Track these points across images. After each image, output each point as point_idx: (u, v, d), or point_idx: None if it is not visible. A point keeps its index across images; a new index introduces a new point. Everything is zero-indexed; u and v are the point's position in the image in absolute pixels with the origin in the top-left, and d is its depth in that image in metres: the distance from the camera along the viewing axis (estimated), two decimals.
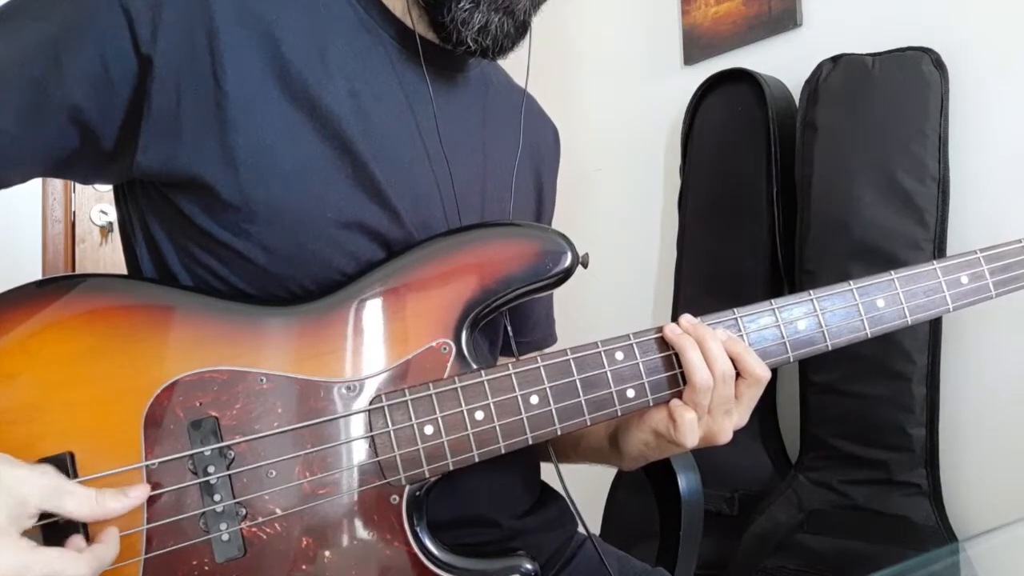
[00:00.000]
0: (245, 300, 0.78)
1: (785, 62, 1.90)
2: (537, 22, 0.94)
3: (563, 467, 0.93)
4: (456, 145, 0.92)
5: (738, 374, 0.82)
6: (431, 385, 0.77)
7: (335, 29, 0.85)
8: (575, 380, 0.80)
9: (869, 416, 1.61)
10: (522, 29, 0.90)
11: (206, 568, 0.70)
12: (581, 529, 1.03)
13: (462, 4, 0.85)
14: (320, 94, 0.81)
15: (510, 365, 0.79)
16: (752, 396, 0.84)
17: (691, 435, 0.81)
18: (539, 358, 0.80)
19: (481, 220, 0.93)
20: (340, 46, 0.84)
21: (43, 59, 0.74)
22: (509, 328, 0.92)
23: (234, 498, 0.71)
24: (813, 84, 1.73)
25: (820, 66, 1.72)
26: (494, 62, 0.99)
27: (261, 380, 0.74)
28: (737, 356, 0.81)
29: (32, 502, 0.63)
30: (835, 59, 1.71)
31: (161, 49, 0.75)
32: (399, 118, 0.87)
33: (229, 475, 0.71)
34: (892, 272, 0.89)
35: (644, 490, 1.12)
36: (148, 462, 0.70)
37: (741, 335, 0.84)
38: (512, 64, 1.01)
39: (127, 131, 0.77)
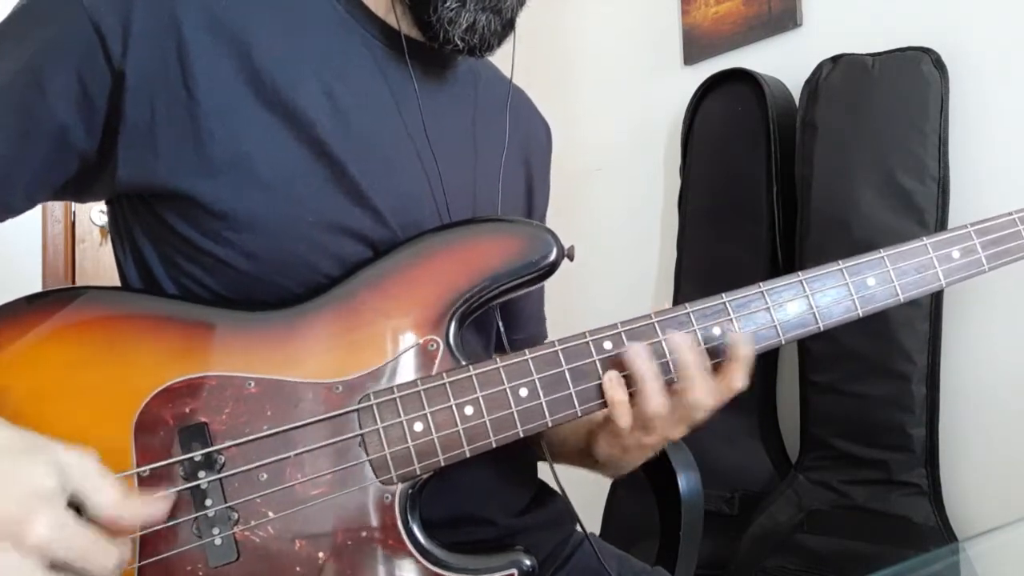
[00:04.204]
0: (231, 306, 0.78)
1: (785, 62, 1.90)
2: (536, 22, 0.95)
3: (563, 467, 0.92)
4: (446, 143, 0.91)
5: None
6: (419, 382, 0.76)
7: (312, 29, 0.85)
8: (564, 371, 0.79)
9: (869, 416, 1.61)
10: (509, 26, 0.90)
11: (200, 573, 0.70)
12: (580, 528, 1.03)
13: (448, 3, 0.84)
14: (294, 97, 0.80)
15: (498, 359, 0.78)
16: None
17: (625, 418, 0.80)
18: (527, 351, 0.79)
19: (472, 216, 0.93)
20: (317, 46, 0.84)
21: (25, 82, 0.75)
22: (501, 325, 0.92)
23: (226, 502, 0.71)
24: (813, 84, 1.73)
25: (820, 66, 1.72)
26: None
27: (249, 384, 0.74)
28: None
29: (73, 477, 0.62)
30: (835, 59, 1.71)
31: (132, 63, 0.75)
32: (384, 118, 0.87)
33: (220, 480, 0.71)
34: (882, 250, 0.88)
35: (644, 490, 1.12)
36: (139, 469, 0.70)
37: (730, 319, 0.83)
38: (504, 61, 1.01)
39: (107, 147, 0.78)
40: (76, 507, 0.65)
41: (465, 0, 0.85)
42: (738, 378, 0.80)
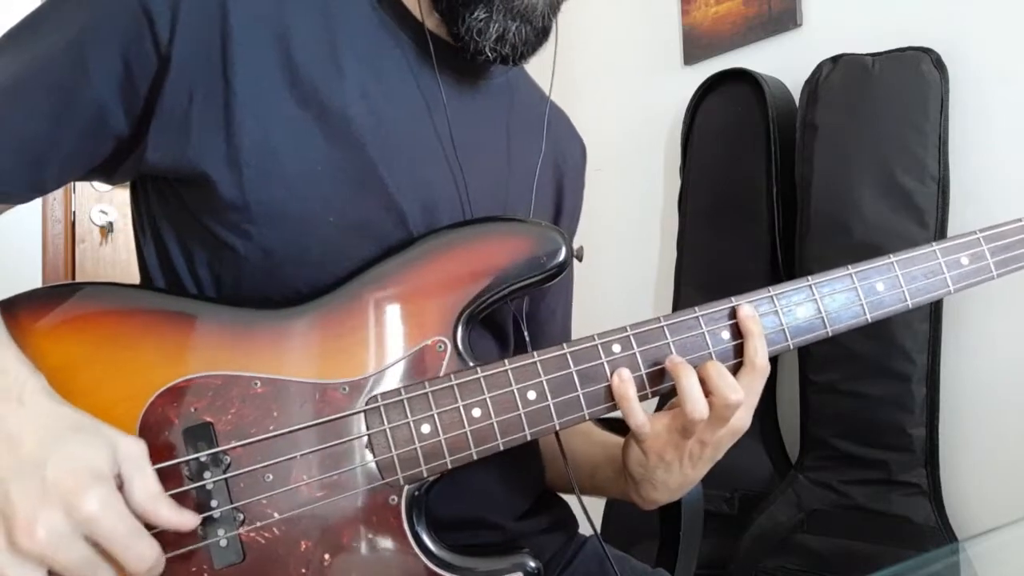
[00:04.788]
0: (238, 304, 0.77)
1: (785, 62, 1.90)
2: None
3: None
4: (476, 151, 0.91)
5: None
6: (427, 383, 0.76)
7: (351, 29, 0.85)
8: (572, 373, 0.78)
9: (869, 416, 1.61)
10: (542, 34, 0.89)
11: (205, 574, 0.70)
12: (582, 530, 1.02)
13: (476, 15, 0.84)
14: (331, 96, 0.80)
15: (506, 361, 0.78)
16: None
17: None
18: (535, 353, 0.78)
19: None
20: (355, 47, 0.84)
21: (69, 63, 0.75)
22: (523, 324, 0.91)
23: (231, 503, 0.71)
24: (813, 84, 1.73)
25: (820, 66, 1.72)
26: (521, 68, 0.99)
27: (255, 384, 0.73)
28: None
29: (122, 459, 0.65)
30: (835, 59, 1.71)
31: (177, 49, 0.75)
32: (415, 122, 0.87)
33: (226, 480, 0.71)
34: (891, 255, 0.87)
35: None
36: None
37: (736, 323, 0.82)
38: (535, 69, 1.01)
39: (141, 129, 0.78)
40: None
41: (492, 11, 0.84)
42: (759, 352, 0.79)
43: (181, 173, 0.79)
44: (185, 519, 0.68)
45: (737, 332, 0.82)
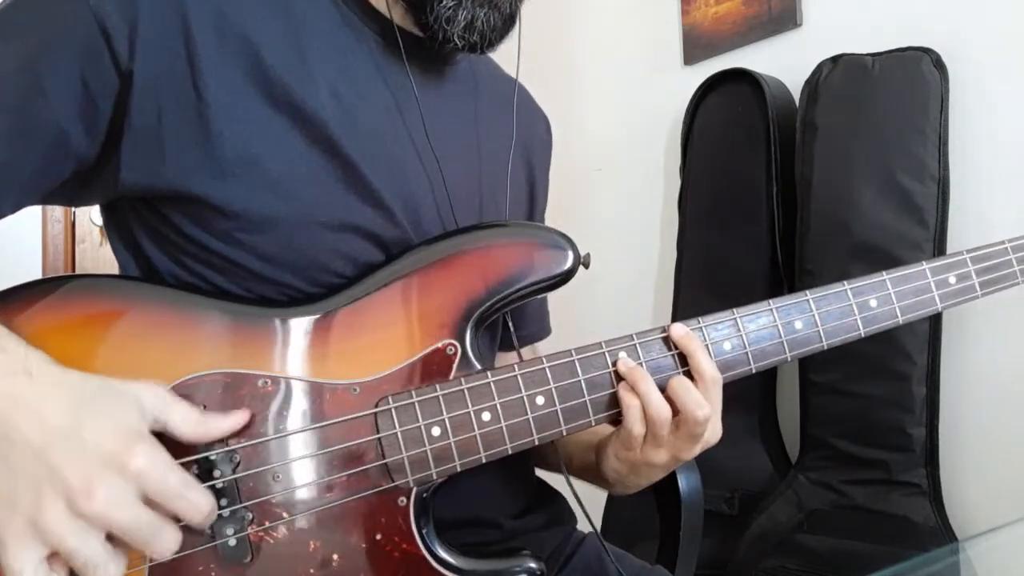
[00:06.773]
0: (247, 303, 0.77)
1: (785, 62, 1.90)
2: (537, 21, 0.94)
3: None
4: (448, 141, 0.91)
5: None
6: (438, 386, 0.76)
7: (315, 29, 0.84)
8: (580, 380, 0.80)
9: (869, 416, 1.61)
10: (510, 21, 0.89)
11: (213, 574, 0.70)
12: (580, 527, 1.03)
13: (444, 3, 0.84)
14: (303, 98, 0.80)
15: (516, 366, 0.79)
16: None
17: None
18: (544, 358, 0.80)
19: (479, 216, 0.93)
20: (321, 46, 0.84)
21: (25, 83, 0.72)
22: (511, 324, 0.92)
23: (240, 502, 0.70)
24: (813, 84, 1.73)
25: (820, 66, 1.72)
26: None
27: (265, 383, 0.73)
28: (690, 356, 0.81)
29: (148, 409, 0.65)
30: (835, 59, 1.71)
31: (140, 64, 0.74)
32: (385, 117, 0.87)
33: (235, 479, 0.71)
34: (884, 273, 0.91)
35: (644, 490, 1.12)
36: None
37: (740, 335, 0.84)
38: (504, 57, 1.01)
39: (109, 149, 0.76)
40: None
41: None
42: (704, 363, 0.80)
43: (160, 191, 0.77)
44: (234, 420, 0.71)
45: (739, 344, 0.84)
